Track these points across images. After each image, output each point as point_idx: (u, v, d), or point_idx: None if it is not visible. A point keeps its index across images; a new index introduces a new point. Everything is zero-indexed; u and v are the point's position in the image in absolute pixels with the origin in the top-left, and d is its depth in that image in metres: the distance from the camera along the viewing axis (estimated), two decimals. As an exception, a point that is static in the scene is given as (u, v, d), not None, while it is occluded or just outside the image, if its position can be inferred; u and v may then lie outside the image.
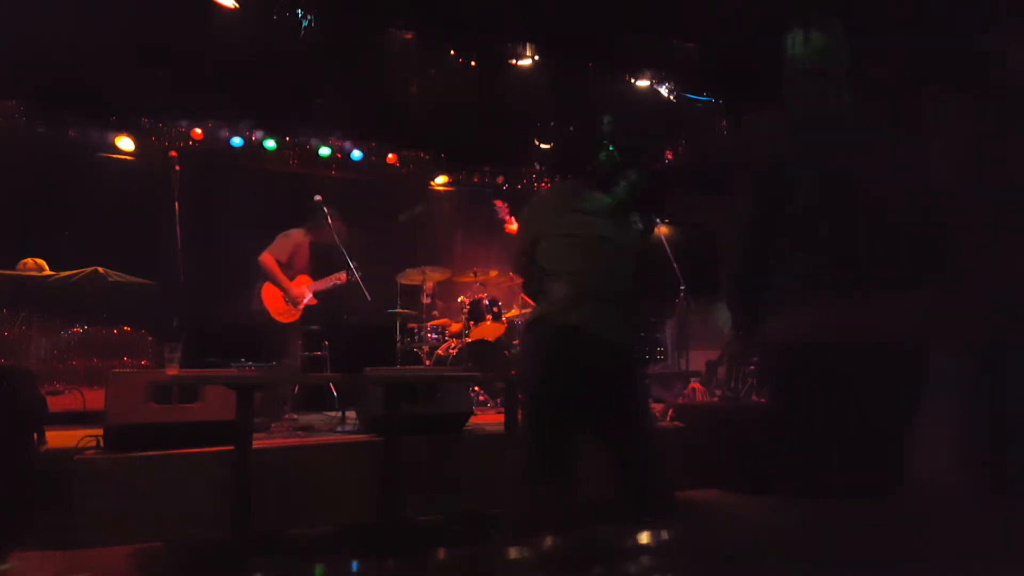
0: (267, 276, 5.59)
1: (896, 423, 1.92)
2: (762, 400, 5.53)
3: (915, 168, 2.09)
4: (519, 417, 3.30)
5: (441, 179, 9.20)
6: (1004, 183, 2.60)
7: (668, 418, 4.97)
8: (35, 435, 3.69)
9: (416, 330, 6.78)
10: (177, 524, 3.39)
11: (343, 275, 5.75)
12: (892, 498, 1.82)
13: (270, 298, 5.62)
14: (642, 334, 2.96)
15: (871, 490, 1.84)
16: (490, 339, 6.72)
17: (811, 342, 1.90)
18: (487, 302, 6.82)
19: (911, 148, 2.05)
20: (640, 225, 2.89)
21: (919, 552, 0.96)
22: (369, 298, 5.66)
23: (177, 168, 5.33)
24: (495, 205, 7.49)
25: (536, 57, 6.72)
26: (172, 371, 3.51)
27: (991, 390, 2.42)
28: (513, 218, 7.18)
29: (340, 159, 8.41)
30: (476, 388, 6.39)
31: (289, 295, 5.64)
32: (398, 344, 6.67)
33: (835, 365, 1.86)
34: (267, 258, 5.60)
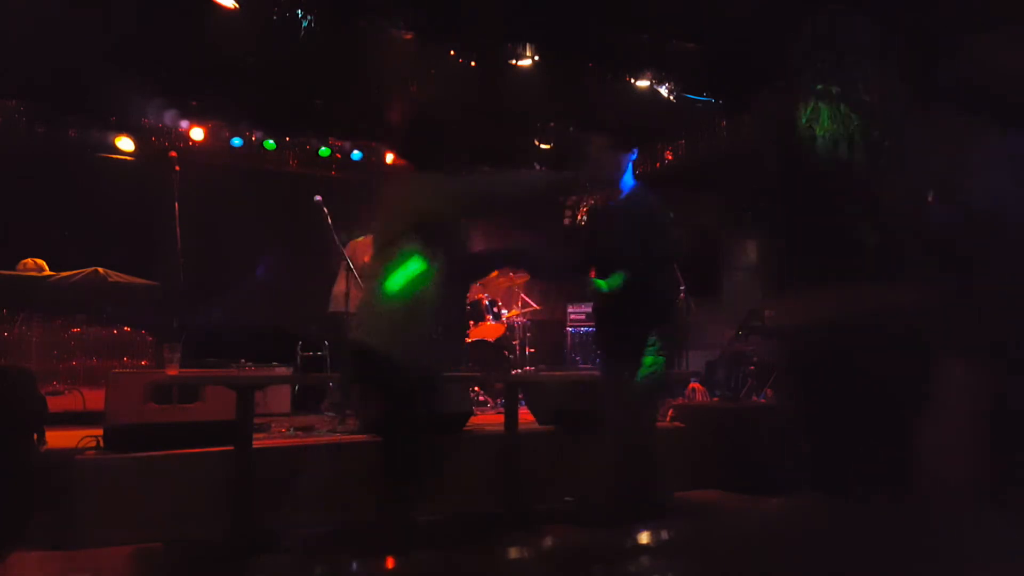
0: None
1: (901, 416, 1.92)
2: (762, 400, 5.54)
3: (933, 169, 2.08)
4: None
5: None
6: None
7: (668, 418, 4.97)
8: (35, 435, 3.69)
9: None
10: (177, 524, 3.39)
11: None
12: (894, 497, 1.82)
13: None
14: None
15: (874, 484, 1.84)
16: (490, 339, 6.72)
17: (820, 326, 1.89)
18: (487, 302, 6.82)
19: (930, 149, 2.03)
20: None
21: (920, 552, 0.96)
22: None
23: (177, 168, 5.32)
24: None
25: (536, 57, 6.72)
26: (172, 371, 3.51)
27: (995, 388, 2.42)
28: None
29: (340, 159, 8.41)
30: (476, 388, 6.39)
31: None
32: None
33: (841, 351, 1.85)
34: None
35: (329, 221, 5.55)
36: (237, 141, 7.88)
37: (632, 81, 7.02)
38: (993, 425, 2.37)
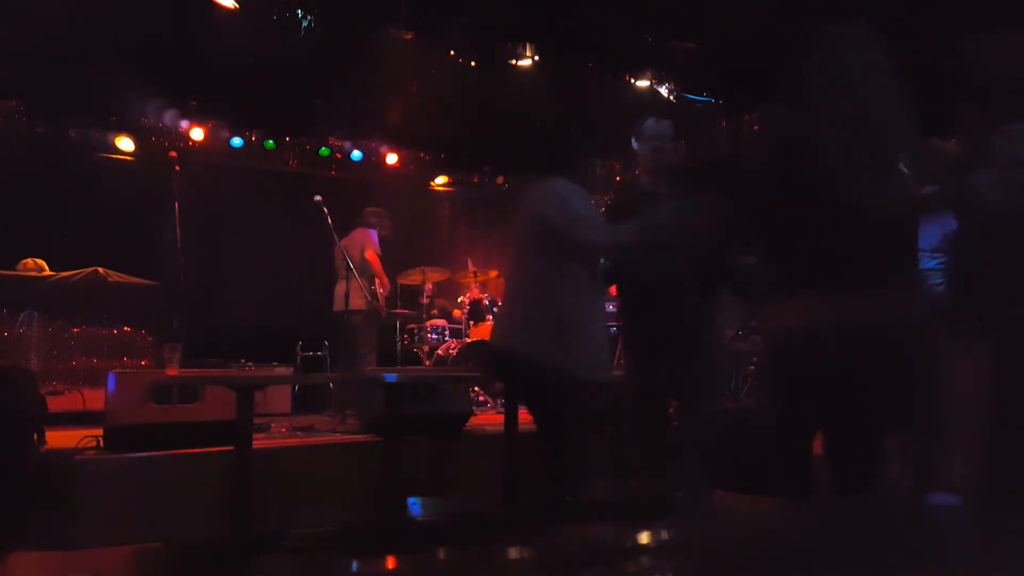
0: (375, 273, 5.84)
1: (890, 418, 1.92)
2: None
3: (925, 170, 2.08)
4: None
5: (441, 179, 9.20)
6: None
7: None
8: (35, 435, 3.68)
9: (416, 330, 6.78)
10: (177, 524, 3.38)
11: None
12: (892, 497, 1.82)
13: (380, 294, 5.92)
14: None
15: (859, 486, 1.84)
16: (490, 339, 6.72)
17: (802, 331, 1.90)
18: (487, 302, 6.82)
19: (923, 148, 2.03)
20: None
21: (919, 552, 0.96)
22: (369, 298, 5.70)
23: (177, 168, 5.33)
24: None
25: (536, 57, 6.72)
26: (172, 371, 3.51)
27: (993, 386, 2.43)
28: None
29: (340, 159, 8.42)
30: (476, 388, 6.39)
31: (386, 289, 5.85)
32: (398, 344, 6.68)
33: (826, 355, 1.86)
34: (375, 257, 5.80)
35: (329, 221, 5.56)
36: (237, 141, 7.89)
37: (632, 81, 7.03)
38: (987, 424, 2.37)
